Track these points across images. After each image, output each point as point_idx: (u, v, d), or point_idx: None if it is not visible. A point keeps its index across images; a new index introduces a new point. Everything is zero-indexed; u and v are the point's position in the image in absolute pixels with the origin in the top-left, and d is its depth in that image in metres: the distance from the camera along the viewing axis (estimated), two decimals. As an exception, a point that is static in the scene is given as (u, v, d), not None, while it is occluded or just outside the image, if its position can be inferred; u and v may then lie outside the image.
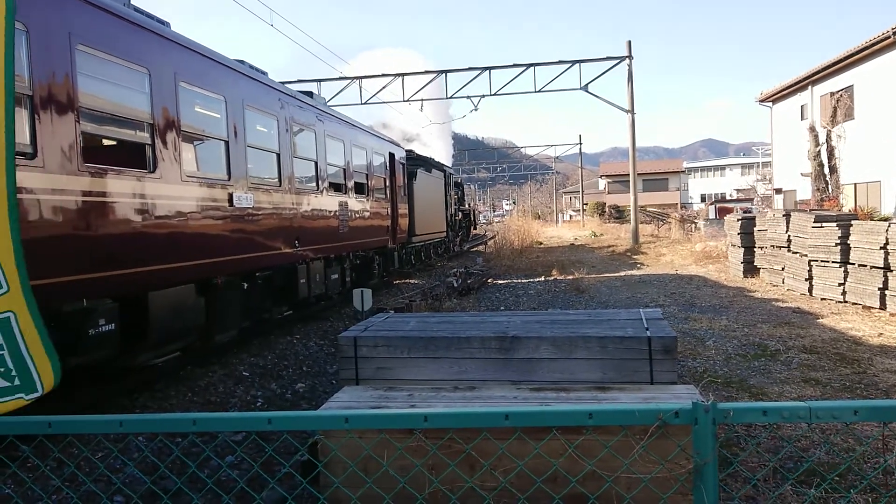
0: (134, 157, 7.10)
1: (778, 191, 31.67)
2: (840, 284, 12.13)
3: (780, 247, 14.57)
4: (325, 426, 2.54)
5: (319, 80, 28.90)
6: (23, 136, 5.55)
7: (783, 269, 14.40)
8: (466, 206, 38.01)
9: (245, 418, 2.26)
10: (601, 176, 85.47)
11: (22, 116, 5.57)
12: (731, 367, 7.79)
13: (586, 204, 69.26)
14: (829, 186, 23.57)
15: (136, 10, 7.57)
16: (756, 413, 1.90)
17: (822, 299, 12.60)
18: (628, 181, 31.77)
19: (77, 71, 6.08)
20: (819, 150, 24.04)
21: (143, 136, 7.16)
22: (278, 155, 10.43)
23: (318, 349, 10.09)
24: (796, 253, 13.80)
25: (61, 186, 5.86)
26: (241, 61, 9.99)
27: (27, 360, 3.59)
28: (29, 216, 5.51)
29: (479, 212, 66.48)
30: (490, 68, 28.98)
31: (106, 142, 7.40)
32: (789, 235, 14.13)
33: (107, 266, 6.42)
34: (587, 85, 28.50)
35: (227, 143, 8.82)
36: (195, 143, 8.42)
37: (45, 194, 5.68)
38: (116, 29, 6.78)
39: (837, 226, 12.25)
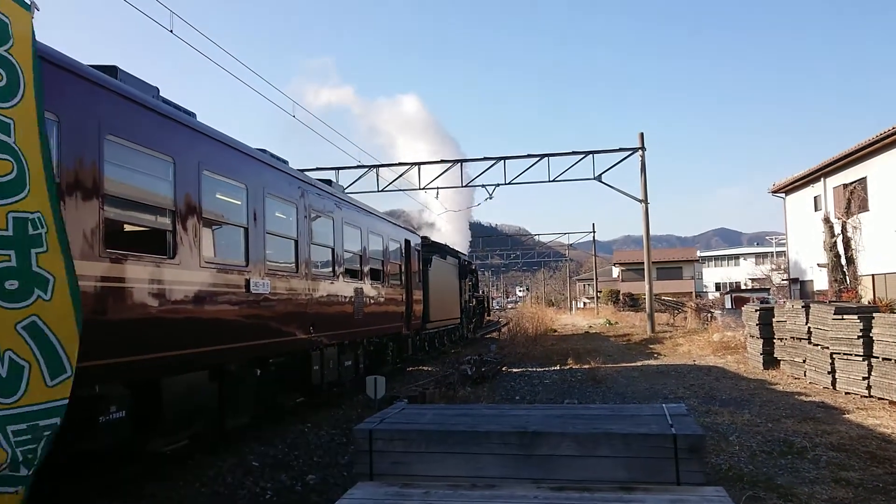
0: (154, 243, 7.16)
1: (794, 281, 31.45)
2: (864, 378, 11.83)
3: (801, 338, 14.32)
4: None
5: (338, 168, 29.53)
6: (47, 222, 5.62)
7: (804, 361, 14.11)
8: (480, 292, 37.96)
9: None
10: (614, 264, 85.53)
11: (48, 203, 5.66)
12: (756, 465, 7.52)
13: (600, 291, 69.04)
14: (847, 277, 23.39)
15: (164, 101, 7.81)
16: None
17: (846, 393, 12.27)
18: (642, 269, 31.74)
19: (104, 160, 6.22)
20: (835, 241, 24.00)
21: (164, 223, 7.25)
22: (296, 241, 10.51)
23: (330, 439, 9.86)
24: (817, 345, 13.54)
25: (81, 272, 5.87)
26: (263, 150, 10.21)
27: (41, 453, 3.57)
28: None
29: (493, 298, 66.33)
30: (505, 158, 29.54)
31: (128, 228, 7.49)
32: (809, 327, 13.91)
33: (122, 352, 6.37)
34: (601, 175, 28.89)
35: (246, 229, 8.91)
36: (215, 228, 8.51)
37: (65, 279, 5.69)
38: (145, 120, 6.97)
39: (859, 318, 12.06)
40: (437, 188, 31.23)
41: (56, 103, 5.69)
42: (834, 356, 12.78)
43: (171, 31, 12.50)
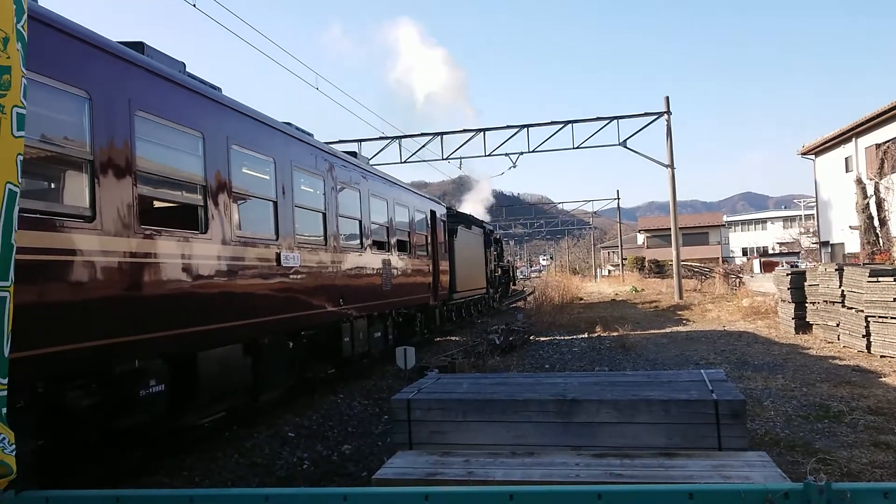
0: (187, 219, 7.20)
1: (824, 244, 30.99)
2: (901, 341, 11.66)
3: (834, 302, 14.13)
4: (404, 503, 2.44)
5: (360, 140, 29.44)
6: (83, 199, 5.68)
7: (838, 325, 13.93)
8: (505, 262, 37.91)
9: (320, 494, 2.17)
10: (639, 230, 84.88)
11: (82, 181, 5.71)
12: (792, 430, 7.46)
13: (625, 259, 68.63)
14: (880, 239, 22.98)
15: (191, 76, 7.80)
16: (876, 495, 1.75)
17: (881, 357, 12.11)
18: (667, 235, 31.42)
19: (136, 136, 6.24)
20: (867, 203, 23.54)
21: (195, 198, 7.28)
22: (324, 214, 10.53)
23: (363, 409, 9.96)
24: (851, 308, 13.35)
25: (118, 248, 5.94)
26: (289, 123, 10.19)
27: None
28: (86, 278, 5.59)
29: (517, 267, 66.24)
30: (528, 126, 29.20)
31: (160, 204, 7.53)
32: (843, 290, 13.70)
33: (159, 326, 6.45)
34: (626, 140, 28.51)
35: (275, 203, 8.93)
36: (245, 203, 8.54)
37: (102, 256, 5.76)
38: (173, 95, 6.97)
39: (895, 280, 11.85)
40: (461, 158, 31.06)
41: (87, 80, 5.71)
42: (869, 319, 12.59)
43: (195, 6, 12.46)
